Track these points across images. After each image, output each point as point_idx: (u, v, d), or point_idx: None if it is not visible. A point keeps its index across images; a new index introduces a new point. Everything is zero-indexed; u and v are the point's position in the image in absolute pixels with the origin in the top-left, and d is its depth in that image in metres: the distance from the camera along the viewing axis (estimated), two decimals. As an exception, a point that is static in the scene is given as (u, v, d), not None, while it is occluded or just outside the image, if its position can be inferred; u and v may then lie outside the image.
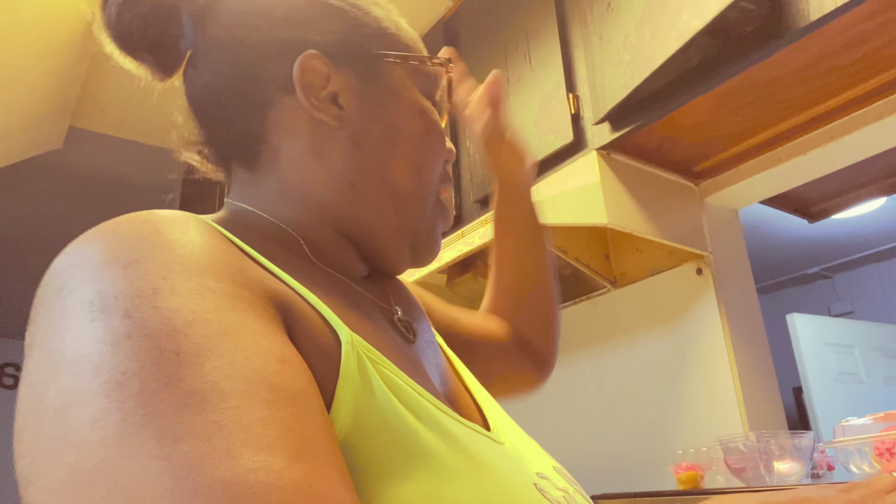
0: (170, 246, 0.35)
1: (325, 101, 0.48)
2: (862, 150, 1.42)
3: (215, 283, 0.34)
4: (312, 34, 0.49)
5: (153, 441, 0.26)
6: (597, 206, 1.38)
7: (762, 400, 1.44)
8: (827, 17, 1.03)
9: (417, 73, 0.53)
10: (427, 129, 0.52)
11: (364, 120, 0.50)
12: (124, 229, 0.35)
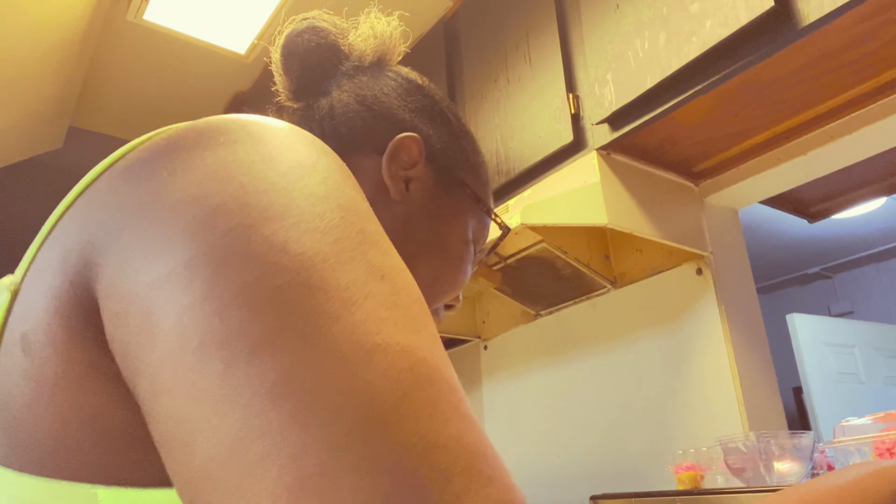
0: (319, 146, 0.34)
1: (401, 177, 0.53)
2: (862, 150, 1.42)
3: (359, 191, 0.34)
4: (426, 126, 0.56)
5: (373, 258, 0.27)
6: (597, 206, 1.38)
7: (762, 400, 1.44)
8: (827, 17, 1.03)
9: (479, 218, 0.59)
10: (461, 259, 0.56)
11: (421, 213, 0.54)
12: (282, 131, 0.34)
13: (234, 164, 0.28)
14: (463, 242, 0.56)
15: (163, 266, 0.25)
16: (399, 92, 0.57)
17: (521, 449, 1.97)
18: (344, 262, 0.26)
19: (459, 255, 0.56)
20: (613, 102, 1.37)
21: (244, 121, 0.31)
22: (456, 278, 0.56)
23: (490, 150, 1.74)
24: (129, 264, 0.26)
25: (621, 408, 1.68)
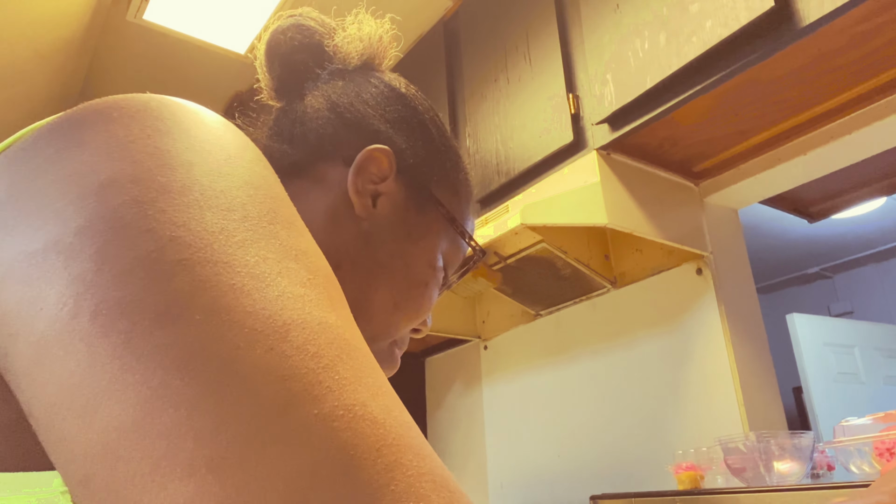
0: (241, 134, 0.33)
1: (368, 192, 0.51)
2: (862, 150, 1.42)
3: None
4: (401, 139, 0.53)
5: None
6: (597, 206, 1.38)
7: (762, 400, 1.44)
8: (827, 17, 1.03)
9: (452, 240, 0.55)
10: (427, 283, 0.52)
11: (387, 231, 0.51)
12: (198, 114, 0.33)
13: (127, 139, 0.27)
14: (429, 266, 0.52)
15: (47, 235, 0.24)
16: (378, 100, 0.54)
17: (521, 449, 1.97)
18: (252, 241, 0.25)
19: (424, 280, 0.52)
20: (613, 102, 1.37)
21: (145, 98, 0.30)
22: (419, 304, 0.52)
23: (490, 150, 1.74)
24: (6, 236, 0.25)
25: (621, 408, 1.68)
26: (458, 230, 0.54)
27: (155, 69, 2.26)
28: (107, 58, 2.19)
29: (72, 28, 1.89)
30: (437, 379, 2.44)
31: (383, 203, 0.51)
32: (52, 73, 2.08)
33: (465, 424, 2.24)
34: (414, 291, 0.51)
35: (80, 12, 1.84)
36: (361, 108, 0.53)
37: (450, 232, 0.54)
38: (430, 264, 0.52)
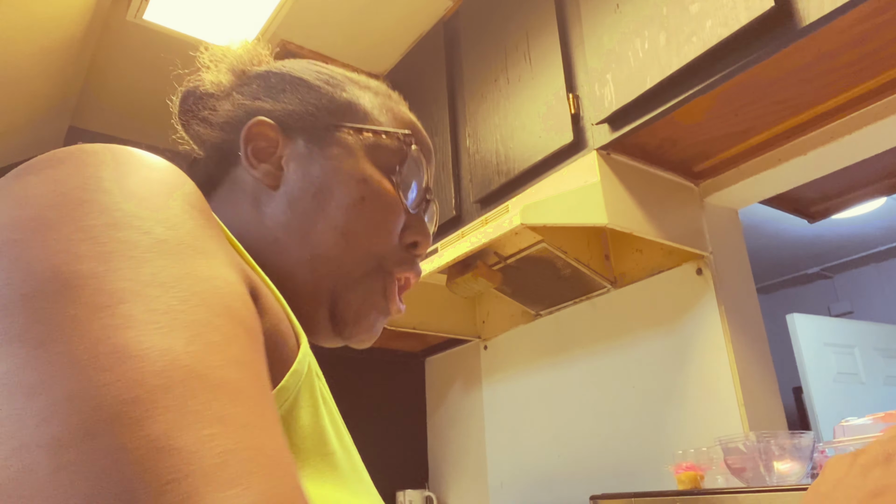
0: (169, 178, 0.35)
1: (273, 164, 0.52)
2: (862, 150, 1.42)
3: (203, 218, 0.34)
4: (269, 103, 0.54)
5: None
6: (597, 206, 1.38)
7: (762, 400, 1.44)
8: (827, 17, 1.03)
9: (374, 144, 0.54)
10: (362, 198, 0.51)
11: (301, 183, 0.51)
12: (122, 153, 0.36)
13: (36, 186, 0.30)
14: (356, 180, 0.51)
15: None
16: (243, 89, 0.56)
17: (521, 449, 1.97)
18: (110, 271, 0.26)
19: (359, 196, 0.51)
20: (613, 102, 1.37)
21: (51, 154, 0.33)
22: (368, 220, 0.51)
23: (490, 150, 1.74)
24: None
25: (621, 408, 1.68)
26: (370, 131, 0.53)
27: (155, 69, 2.26)
28: (107, 58, 2.19)
29: (72, 28, 1.89)
30: (437, 379, 2.44)
31: (288, 163, 0.52)
32: (52, 73, 2.08)
33: (465, 424, 2.24)
34: (353, 211, 0.51)
35: (80, 12, 1.84)
36: (224, 107, 0.55)
37: (367, 142, 0.53)
38: (357, 178, 0.51)
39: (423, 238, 0.55)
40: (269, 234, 0.51)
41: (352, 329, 0.53)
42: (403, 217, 0.54)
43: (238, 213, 0.53)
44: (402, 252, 0.54)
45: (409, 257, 0.54)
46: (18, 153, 2.50)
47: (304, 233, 0.50)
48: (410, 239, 0.55)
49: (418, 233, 0.55)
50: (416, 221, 0.55)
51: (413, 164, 0.55)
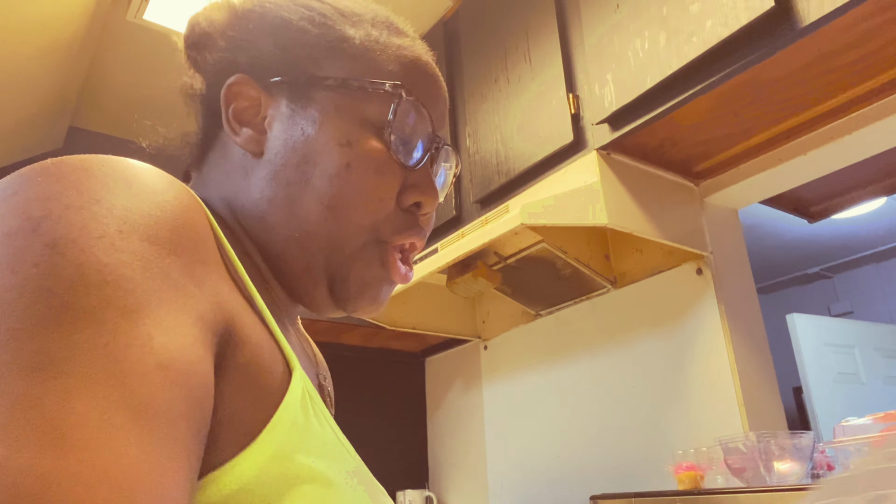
0: (145, 200, 0.33)
1: (255, 127, 0.48)
2: (862, 150, 1.42)
3: (164, 258, 0.32)
4: (246, 54, 0.49)
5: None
6: (597, 206, 1.38)
7: (762, 400, 1.44)
8: (827, 17, 1.03)
9: (359, 98, 0.47)
10: (347, 164, 0.46)
11: (283, 150, 0.47)
12: (105, 167, 0.34)
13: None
14: (340, 145, 0.46)
15: None
16: (222, 37, 0.50)
17: (521, 449, 1.97)
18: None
19: (343, 162, 0.46)
20: (613, 102, 1.37)
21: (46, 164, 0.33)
22: (355, 188, 0.46)
23: (490, 150, 1.74)
24: None
25: (621, 408, 1.68)
26: (355, 86, 0.47)
27: (155, 69, 2.26)
28: (107, 58, 2.19)
29: (72, 28, 1.89)
30: (437, 379, 2.44)
31: (271, 125, 0.48)
32: (52, 73, 2.08)
33: (465, 424, 2.24)
34: (338, 181, 0.45)
35: (80, 12, 1.84)
36: (213, 53, 0.50)
37: (353, 94, 0.47)
38: (341, 143, 0.46)
39: (428, 197, 0.49)
40: (256, 209, 0.47)
41: (354, 303, 0.49)
42: (401, 177, 0.48)
43: (228, 181, 0.49)
44: (401, 216, 0.48)
45: (410, 221, 0.49)
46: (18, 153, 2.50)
47: (290, 208, 0.46)
48: (412, 199, 0.49)
49: (422, 191, 0.49)
50: (420, 178, 0.49)
51: (407, 115, 0.48)
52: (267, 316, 0.40)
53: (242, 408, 0.35)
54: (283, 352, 0.40)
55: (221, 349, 0.35)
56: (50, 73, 2.07)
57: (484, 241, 1.47)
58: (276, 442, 0.35)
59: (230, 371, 0.35)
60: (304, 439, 0.37)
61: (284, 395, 0.37)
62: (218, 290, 0.35)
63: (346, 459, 0.41)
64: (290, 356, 0.39)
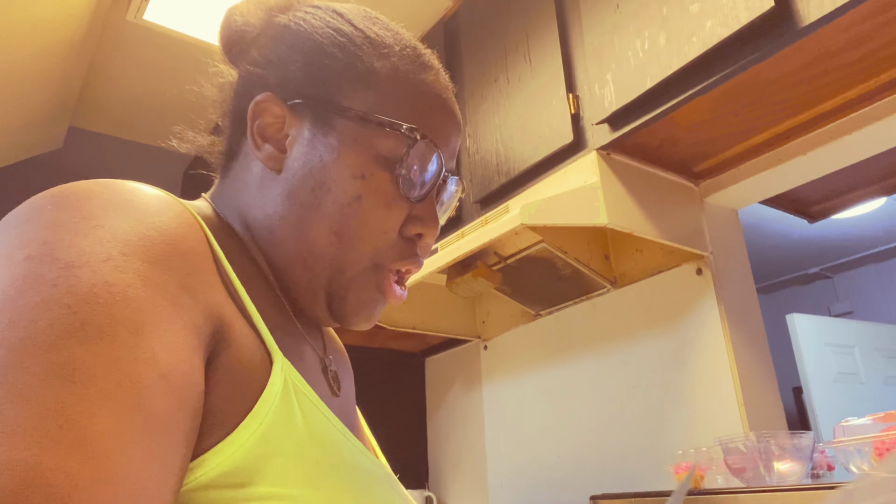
0: (142, 223, 0.37)
1: (277, 145, 0.50)
2: (862, 150, 1.42)
3: (161, 275, 0.36)
4: (276, 72, 0.51)
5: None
6: (597, 206, 1.38)
7: (762, 400, 1.44)
8: (827, 17, 1.03)
9: (377, 133, 0.49)
10: (359, 196, 0.48)
11: (301, 173, 0.49)
12: (106, 193, 0.38)
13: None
14: (354, 177, 0.48)
15: None
16: (256, 48, 0.53)
17: (521, 449, 1.97)
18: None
19: (355, 194, 0.48)
20: (613, 102, 1.37)
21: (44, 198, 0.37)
22: (363, 220, 0.48)
23: (490, 150, 1.74)
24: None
25: (621, 408, 1.68)
26: (374, 122, 0.49)
27: (155, 69, 2.26)
28: (107, 58, 2.19)
29: (72, 28, 1.89)
30: (437, 379, 2.44)
31: (292, 145, 0.50)
32: (52, 74, 2.08)
33: (465, 424, 2.24)
34: (348, 210, 0.48)
35: (80, 13, 1.84)
36: (245, 64, 0.53)
37: (372, 129, 0.49)
38: (355, 175, 0.48)
39: (429, 228, 0.52)
40: (267, 223, 0.51)
41: (350, 319, 0.53)
42: (406, 210, 0.51)
43: (245, 192, 0.52)
44: (402, 245, 0.51)
45: (409, 249, 0.52)
46: (18, 153, 2.50)
47: (300, 228, 0.49)
48: (413, 231, 0.51)
49: (424, 223, 0.51)
50: (424, 210, 0.52)
51: (420, 156, 0.50)
52: (255, 317, 0.43)
53: (223, 401, 0.38)
54: (266, 344, 0.43)
55: (211, 351, 0.39)
56: (50, 73, 2.07)
57: (484, 241, 1.47)
58: (256, 431, 0.38)
59: (215, 369, 0.39)
60: (283, 428, 0.40)
61: (265, 389, 0.40)
62: (210, 297, 0.39)
63: (338, 443, 0.44)
64: (274, 354, 0.42)
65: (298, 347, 0.50)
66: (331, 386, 0.54)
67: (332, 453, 0.42)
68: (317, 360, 0.53)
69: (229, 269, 0.43)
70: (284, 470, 0.38)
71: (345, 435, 0.46)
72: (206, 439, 0.37)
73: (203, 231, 0.42)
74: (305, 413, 0.42)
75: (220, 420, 0.38)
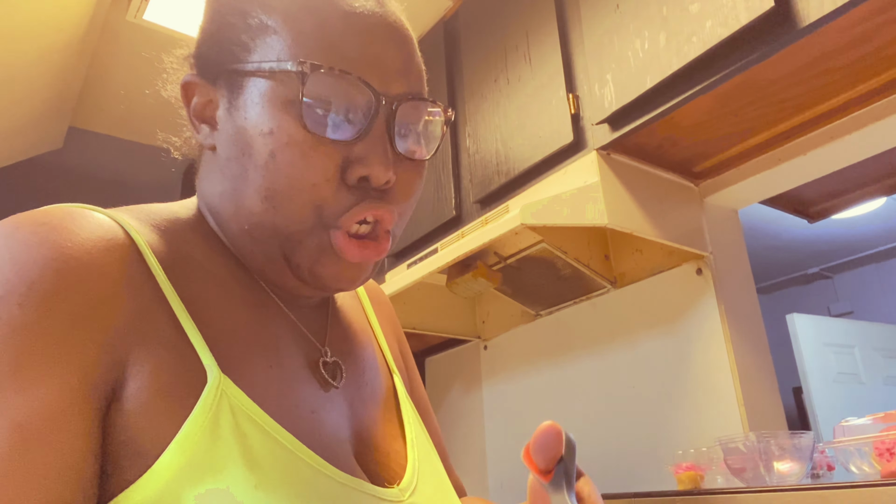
0: (37, 264, 0.37)
1: (210, 123, 0.48)
2: (862, 150, 1.42)
3: (40, 314, 0.36)
4: (197, 52, 0.50)
5: None
6: (597, 206, 1.38)
7: (762, 400, 1.44)
8: (827, 17, 1.03)
9: (276, 81, 0.44)
10: (272, 153, 0.44)
11: (227, 143, 0.47)
12: (14, 236, 0.39)
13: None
14: (262, 134, 0.44)
15: None
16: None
17: (521, 449, 1.97)
18: None
19: (267, 150, 0.44)
20: (613, 102, 1.37)
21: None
22: (285, 176, 0.44)
23: (490, 150, 1.74)
24: None
25: (621, 408, 1.68)
26: (267, 70, 0.44)
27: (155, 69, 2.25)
28: (107, 58, 2.19)
29: (72, 29, 1.89)
30: (437, 379, 2.44)
31: (215, 115, 0.48)
32: (52, 74, 2.08)
33: (465, 424, 2.24)
34: (267, 171, 0.44)
35: (80, 13, 1.84)
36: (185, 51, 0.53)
37: (272, 78, 0.44)
38: (263, 132, 0.44)
39: (372, 168, 0.44)
40: (215, 205, 0.49)
41: (321, 283, 0.48)
42: (340, 155, 0.44)
43: (205, 182, 0.51)
44: (348, 195, 0.45)
45: (358, 196, 0.45)
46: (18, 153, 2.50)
47: (236, 203, 0.47)
48: (355, 175, 0.45)
49: (365, 164, 0.44)
50: (365, 149, 0.45)
51: (325, 89, 0.44)
52: (190, 333, 0.41)
53: (142, 431, 0.37)
54: (202, 359, 0.41)
55: (116, 382, 0.38)
56: (50, 73, 2.07)
57: (484, 241, 1.47)
58: (178, 461, 0.36)
59: (126, 399, 0.38)
60: (211, 455, 0.37)
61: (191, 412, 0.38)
62: (114, 324, 0.38)
63: (288, 465, 0.40)
64: (209, 372, 0.40)
65: (272, 349, 0.46)
66: (322, 378, 0.49)
67: (272, 481, 0.38)
68: (301, 356, 0.49)
69: (165, 285, 0.42)
70: (215, 500, 0.36)
71: (300, 453, 0.41)
72: (127, 471, 0.36)
73: (131, 249, 0.42)
74: (245, 435, 0.39)
75: (140, 451, 0.37)
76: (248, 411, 0.40)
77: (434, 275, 1.81)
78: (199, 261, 0.47)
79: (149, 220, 0.47)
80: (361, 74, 0.44)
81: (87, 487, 0.35)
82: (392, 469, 0.49)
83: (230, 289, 0.47)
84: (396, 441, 0.53)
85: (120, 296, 0.39)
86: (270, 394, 0.43)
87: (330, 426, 0.47)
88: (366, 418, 0.51)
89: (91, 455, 0.36)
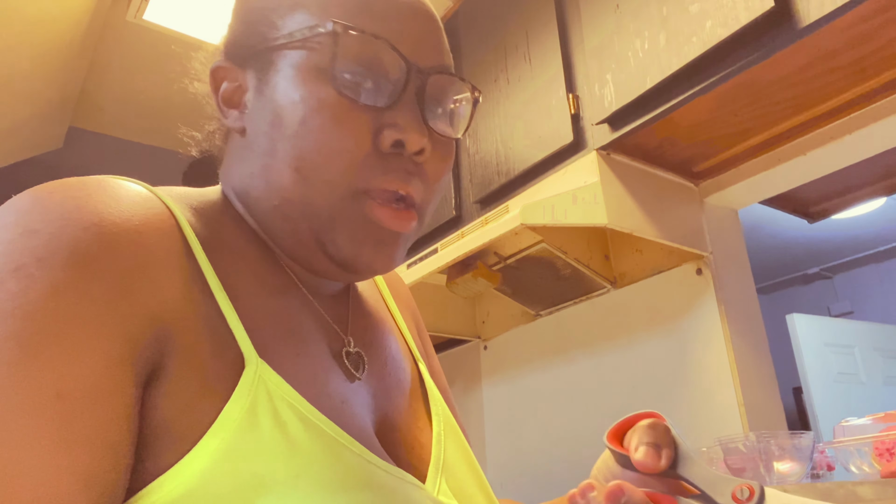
0: (77, 227, 0.35)
1: (240, 108, 0.48)
2: (862, 150, 1.42)
3: (84, 281, 0.34)
4: (226, 40, 0.51)
5: None
6: (597, 206, 1.38)
7: (762, 400, 1.44)
8: (827, 17, 1.03)
9: (305, 52, 0.44)
10: (303, 120, 0.43)
11: (257, 121, 0.46)
12: (50, 198, 0.37)
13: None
14: (294, 103, 0.43)
15: None
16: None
17: (521, 449, 1.97)
18: None
19: (300, 118, 0.43)
20: (613, 102, 1.37)
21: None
22: (318, 142, 0.42)
23: (490, 150, 1.74)
24: None
25: (621, 408, 1.68)
26: (298, 39, 0.44)
27: (155, 69, 2.26)
28: (107, 58, 2.19)
29: (72, 29, 1.89)
30: (437, 379, 2.44)
31: (243, 99, 0.48)
32: (52, 74, 2.08)
33: (465, 424, 2.24)
34: (298, 140, 0.43)
35: (80, 13, 1.84)
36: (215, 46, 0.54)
37: (303, 47, 0.44)
38: (294, 100, 0.43)
39: (407, 134, 0.43)
40: (243, 186, 0.48)
41: (356, 263, 0.45)
42: (372, 120, 0.44)
43: (233, 168, 0.50)
44: (381, 161, 0.44)
45: (392, 164, 0.44)
46: (18, 153, 2.50)
47: (266, 178, 0.45)
48: (389, 140, 0.44)
49: (400, 129, 0.43)
50: (399, 115, 0.44)
51: (355, 51, 0.43)
52: (228, 316, 0.40)
53: (178, 413, 0.35)
54: (238, 342, 0.39)
55: (156, 359, 0.36)
56: (50, 73, 2.07)
57: (484, 241, 1.47)
58: (217, 448, 0.35)
59: (164, 378, 0.36)
60: (251, 442, 0.36)
61: (231, 396, 0.37)
62: (158, 297, 0.36)
63: (332, 452, 0.39)
64: (247, 356, 0.39)
65: (299, 337, 0.45)
66: (346, 368, 0.47)
67: (316, 467, 0.37)
68: (325, 345, 0.47)
69: (205, 265, 0.41)
70: (255, 489, 0.34)
71: (342, 440, 0.40)
72: (162, 457, 0.34)
73: (172, 224, 0.40)
74: (285, 422, 0.38)
75: (176, 435, 0.35)
76: (287, 397, 0.39)
77: (434, 275, 1.81)
78: (232, 244, 0.45)
79: (182, 199, 0.46)
80: (394, 43, 0.44)
81: (123, 471, 0.33)
82: (414, 458, 0.49)
83: (260, 274, 0.46)
84: (423, 434, 0.52)
85: (164, 268, 0.38)
86: (304, 381, 0.41)
87: (360, 417, 0.45)
88: (390, 411, 0.50)
89: (130, 436, 0.33)
